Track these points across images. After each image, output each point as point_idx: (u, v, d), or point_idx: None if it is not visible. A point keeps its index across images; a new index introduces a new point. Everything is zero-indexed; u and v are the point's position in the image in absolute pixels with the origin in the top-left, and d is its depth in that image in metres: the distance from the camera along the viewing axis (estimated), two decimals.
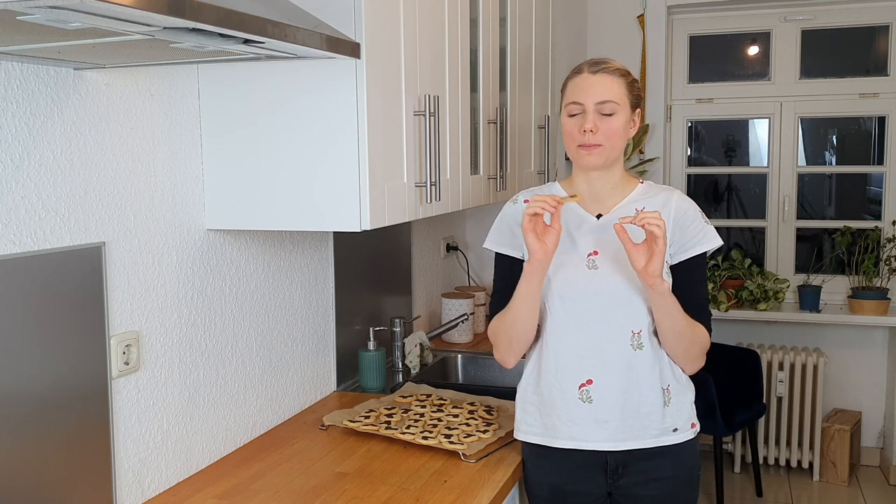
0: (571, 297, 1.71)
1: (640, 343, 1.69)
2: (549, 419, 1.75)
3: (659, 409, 1.71)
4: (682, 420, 1.75)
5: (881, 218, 4.02)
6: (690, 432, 1.77)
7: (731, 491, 3.87)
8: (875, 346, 4.03)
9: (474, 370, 2.82)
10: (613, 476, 1.74)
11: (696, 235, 1.72)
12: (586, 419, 1.71)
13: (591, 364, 1.70)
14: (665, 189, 1.80)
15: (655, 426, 1.72)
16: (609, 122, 1.68)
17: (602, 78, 1.69)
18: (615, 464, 1.74)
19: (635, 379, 1.70)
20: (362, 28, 1.61)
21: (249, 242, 1.97)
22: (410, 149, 1.85)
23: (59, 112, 1.41)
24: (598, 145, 1.68)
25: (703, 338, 1.72)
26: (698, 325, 1.70)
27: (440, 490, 1.67)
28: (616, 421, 1.70)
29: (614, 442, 1.71)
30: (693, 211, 1.75)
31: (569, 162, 3.70)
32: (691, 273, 1.72)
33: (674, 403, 1.74)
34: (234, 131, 1.74)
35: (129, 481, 1.61)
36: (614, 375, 1.69)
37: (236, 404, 1.94)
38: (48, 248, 1.39)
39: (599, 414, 1.70)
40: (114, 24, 0.95)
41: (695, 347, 1.71)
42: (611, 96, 1.68)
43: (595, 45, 4.05)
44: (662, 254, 1.56)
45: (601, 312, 1.69)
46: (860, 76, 4.01)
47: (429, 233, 3.14)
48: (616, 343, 1.69)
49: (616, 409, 1.70)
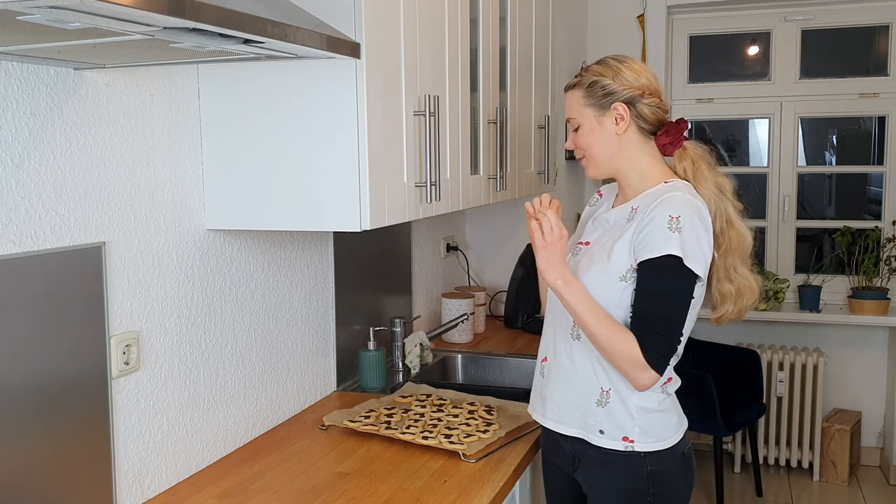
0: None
1: (577, 334, 1.74)
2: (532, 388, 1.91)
3: (590, 405, 1.71)
4: (612, 427, 1.69)
5: (881, 218, 4.02)
6: (620, 444, 1.69)
7: (731, 491, 3.87)
8: (875, 346, 4.03)
9: (474, 370, 2.82)
10: (573, 464, 1.79)
11: (644, 241, 1.61)
12: (540, 392, 1.84)
13: (548, 343, 1.83)
14: (671, 189, 1.68)
15: (583, 418, 1.73)
16: (578, 136, 1.78)
17: (567, 98, 1.79)
18: (571, 451, 1.78)
19: (573, 367, 1.75)
20: (362, 28, 1.61)
21: (249, 242, 1.97)
22: (410, 149, 1.85)
23: (59, 112, 1.41)
24: (582, 158, 1.80)
25: (624, 351, 1.59)
26: (624, 337, 1.60)
27: (440, 490, 1.67)
28: (553, 401, 1.78)
29: (551, 421, 1.79)
30: (661, 218, 1.60)
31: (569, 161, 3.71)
32: (638, 281, 1.63)
33: (609, 408, 1.69)
34: (235, 131, 1.74)
35: (129, 481, 1.61)
36: (558, 359, 1.78)
37: (236, 404, 1.94)
38: (48, 248, 1.39)
39: (545, 390, 1.81)
40: (114, 24, 0.95)
41: (612, 357, 1.62)
42: (570, 113, 1.78)
43: (595, 45, 4.05)
44: (541, 248, 1.65)
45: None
46: (860, 76, 4.01)
47: (429, 233, 3.14)
48: (562, 329, 1.78)
49: (555, 391, 1.78)
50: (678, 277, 1.60)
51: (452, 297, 3.01)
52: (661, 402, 1.71)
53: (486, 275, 3.58)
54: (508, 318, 3.25)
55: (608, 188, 1.91)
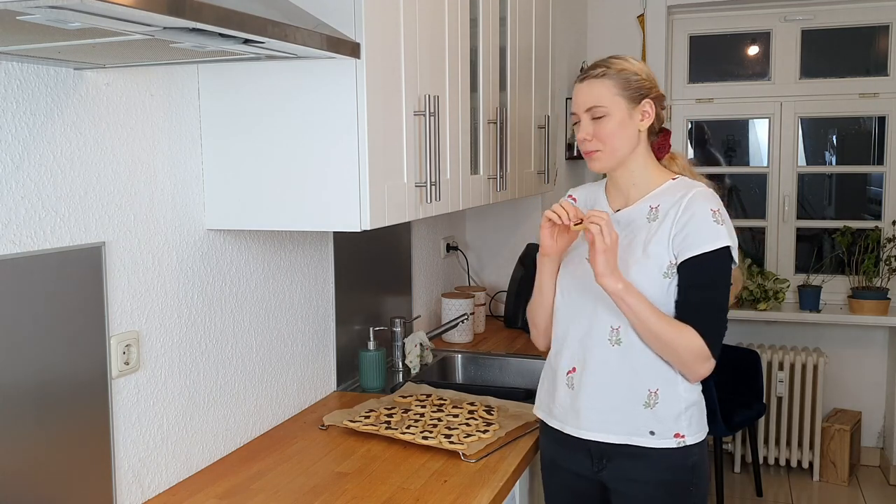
0: (568, 287, 1.80)
1: (618, 339, 1.71)
2: (547, 397, 1.86)
3: (637, 409, 1.70)
4: (662, 426, 1.70)
5: (881, 218, 4.02)
6: (671, 441, 1.70)
7: (731, 491, 3.87)
8: (875, 346, 4.03)
9: (474, 370, 2.82)
10: (598, 465, 1.77)
11: (691, 237, 1.66)
12: (568, 405, 1.78)
13: (576, 353, 1.77)
14: (688, 185, 1.75)
15: (629, 424, 1.71)
16: (601, 126, 1.72)
17: (587, 84, 1.74)
18: (599, 453, 1.76)
19: (613, 374, 1.71)
20: (362, 28, 1.61)
21: (249, 242, 1.97)
22: (410, 149, 1.85)
23: (59, 112, 1.41)
24: (596, 151, 1.74)
25: (690, 344, 1.64)
26: (685, 330, 1.65)
27: (440, 490, 1.67)
28: (589, 412, 1.74)
29: (587, 431, 1.75)
30: (702, 212, 1.67)
31: (569, 161, 3.70)
32: (686, 276, 1.67)
33: (659, 408, 1.70)
34: (234, 131, 1.74)
35: (129, 481, 1.61)
36: (593, 367, 1.73)
37: (236, 404, 1.94)
38: (48, 248, 1.39)
39: (578, 402, 1.76)
40: (114, 24, 0.95)
41: (680, 353, 1.65)
42: (595, 101, 1.72)
43: (595, 45, 4.05)
44: (601, 252, 1.60)
45: (589, 305, 1.75)
46: (860, 76, 4.01)
47: (429, 233, 3.14)
48: (596, 337, 1.73)
49: (593, 400, 1.73)
50: (726, 267, 1.69)
51: (452, 297, 3.01)
52: (700, 392, 1.77)
53: (486, 275, 3.58)
54: (508, 318, 3.25)
55: (581, 191, 1.91)
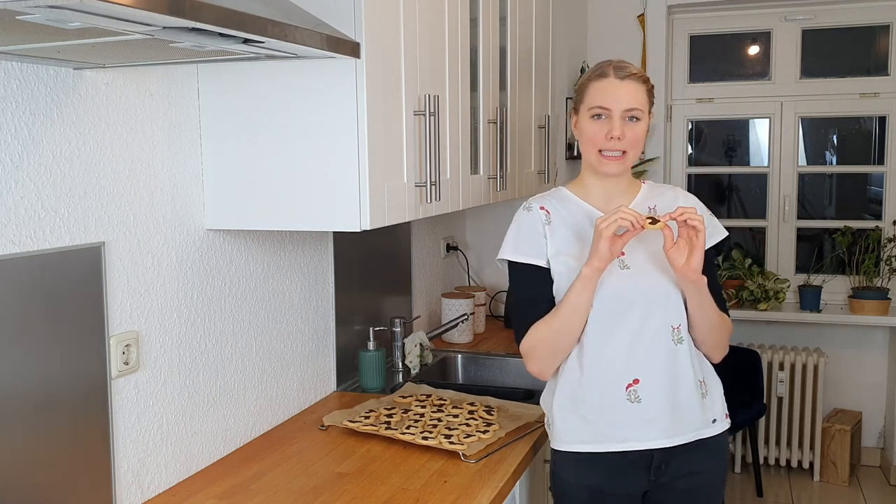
0: (610, 298, 1.69)
1: (680, 337, 1.71)
2: (596, 425, 1.70)
3: (698, 402, 1.73)
4: (718, 411, 1.79)
5: (882, 218, 4.02)
6: (726, 422, 1.80)
7: (732, 491, 3.86)
8: (875, 346, 4.03)
9: (474, 370, 2.82)
10: (657, 473, 1.74)
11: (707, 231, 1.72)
12: (636, 419, 1.69)
13: (636, 363, 1.68)
14: (668, 188, 1.87)
15: (698, 419, 1.74)
16: (634, 129, 1.70)
17: (629, 85, 1.69)
18: (659, 461, 1.73)
19: (678, 373, 1.71)
20: (362, 28, 1.61)
21: (249, 242, 1.97)
22: (410, 149, 1.85)
23: (59, 112, 1.41)
24: (623, 152, 1.71)
25: (730, 326, 1.80)
26: (723, 315, 1.77)
27: (440, 490, 1.67)
28: (665, 418, 1.70)
29: (665, 439, 1.70)
30: (700, 206, 1.80)
31: (569, 161, 3.70)
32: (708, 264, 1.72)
33: (710, 395, 1.77)
34: (234, 131, 1.74)
35: (128, 481, 1.60)
36: (659, 372, 1.69)
37: (236, 404, 1.94)
38: (48, 248, 1.39)
39: (648, 412, 1.69)
40: (114, 23, 0.95)
41: (724, 336, 1.78)
42: (637, 103, 1.69)
43: (595, 45, 4.05)
44: (703, 248, 1.62)
45: (641, 310, 1.69)
46: (860, 76, 4.00)
47: (429, 233, 3.14)
48: (658, 340, 1.69)
49: (665, 406, 1.69)
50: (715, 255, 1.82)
51: (452, 297, 3.01)
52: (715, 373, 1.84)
53: (486, 275, 3.57)
54: (508, 318, 3.25)
55: (547, 202, 1.79)
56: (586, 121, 1.72)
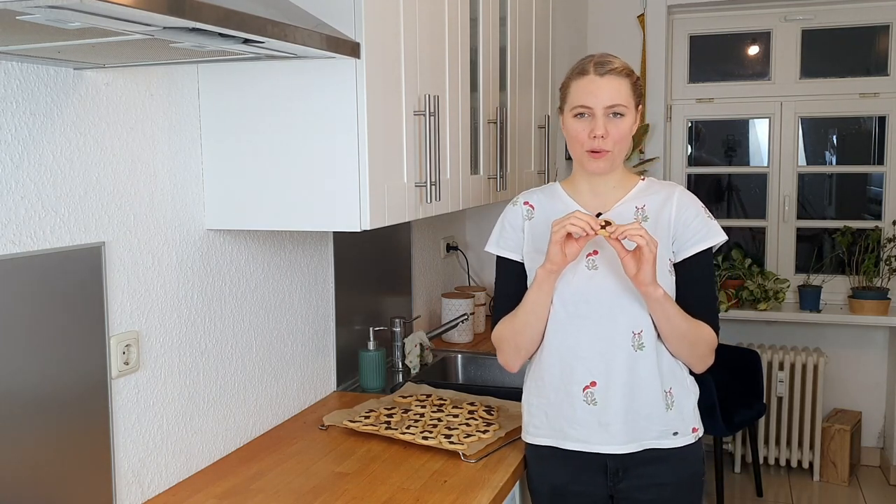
0: (572, 298, 1.70)
1: (640, 343, 1.68)
2: (556, 421, 1.75)
3: (660, 412, 1.70)
4: (683, 424, 1.74)
5: (881, 218, 4.02)
6: (691, 437, 1.75)
7: (731, 491, 3.87)
8: (875, 346, 4.03)
9: (474, 370, 2.82)
10: (614, 479, 1.74)
11: (697, 232, 1.70)
12: (591, 421, 1.71)
13: (594, 366, 1.69)
14: (667, 185, 1.77)
15: (656, 429, 1.71)
16: (618, 125, 1.66)
17: (610, 80, 1.65)
18: (615, 467, 1.73)
19: (637, 380, 1.68)
20: (362, 28, 1.61)
21: (249, 242, 1.97)
22: (410, 149, 1.85)
23: (59, 112, 1.41)
24: (607, 151, 1.66)
25: (708, 337, 1.69)
26: (702, 325, 1.68)
27: (440, 490, 1.67)
28: (619, 423, 1.69)
29: (616, 445, 1.70)
30: (695, 207, 1.72)
31: (569, 161, 3.70)
32: (693, 271, 1.70)
33: (676, 407, 1.72)
34: (234, 131, 1.74)
35: (129, 481, 1.60)
36: (617, 377, 1.68)
37: (236, 404, 1.94)
38: (48, 248, 1.39)
39: (603, 416, 1.69)
40: (114, 23, 0.95)
41: (699, 347, 1.69)
42: (620, 99, 1.65)
43: (595, 45, 4.05)
44: (651, 262, 1.55)
45: (602, 313, 1.68)
46: (860, 76, 4.01)
47: (429, 233, 3.14)
48: (617, 344, 1.68)
49: (619, 412, 1.69)
50: (712, 259, 1.75)
51: (452, 297, 3.01)
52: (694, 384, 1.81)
53: (486, 275, 3.57)
54: None
55: (535, 197, 1.81)
56: (570, 120, 1.70)
